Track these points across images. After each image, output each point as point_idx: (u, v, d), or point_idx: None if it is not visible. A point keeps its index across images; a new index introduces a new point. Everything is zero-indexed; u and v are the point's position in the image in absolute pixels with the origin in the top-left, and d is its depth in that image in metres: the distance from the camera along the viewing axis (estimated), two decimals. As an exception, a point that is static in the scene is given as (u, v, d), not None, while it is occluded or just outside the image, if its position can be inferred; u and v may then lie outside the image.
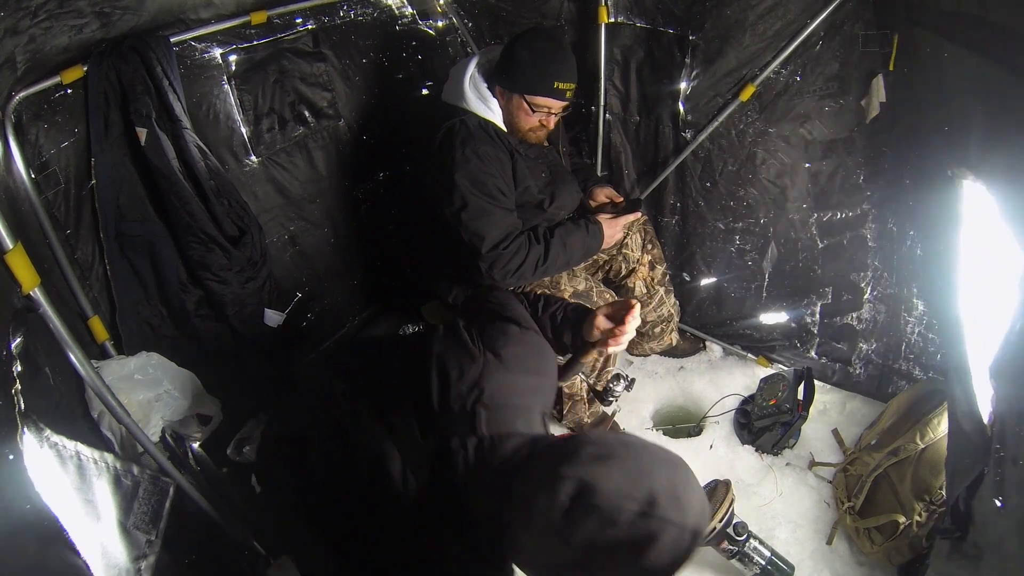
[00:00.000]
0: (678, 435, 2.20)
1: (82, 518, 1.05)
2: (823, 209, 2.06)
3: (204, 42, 1.74)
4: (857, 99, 1.84)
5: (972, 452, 1.12)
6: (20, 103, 1.36)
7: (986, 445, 1.08)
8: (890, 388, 2.09)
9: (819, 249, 2.12)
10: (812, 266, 2.16)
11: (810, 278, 2.19)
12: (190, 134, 1.59)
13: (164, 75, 1.51)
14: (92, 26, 1.36)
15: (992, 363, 1.05)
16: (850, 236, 2.04)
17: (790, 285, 2.24)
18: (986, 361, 1.10)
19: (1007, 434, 0.99)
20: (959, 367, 1.24)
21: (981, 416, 1.13)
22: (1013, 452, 0.96)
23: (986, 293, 1.24)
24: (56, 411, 1.16)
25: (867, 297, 2.09)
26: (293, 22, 1.94)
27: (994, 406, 1.07)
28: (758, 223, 2.19)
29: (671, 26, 2.05)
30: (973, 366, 1.21)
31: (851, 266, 2.08)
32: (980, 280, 1.27)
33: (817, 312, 2.22)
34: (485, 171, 1.68)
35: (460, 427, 1.00)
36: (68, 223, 1.52)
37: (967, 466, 1.13)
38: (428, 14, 2.32)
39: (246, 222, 1.76)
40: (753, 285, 2.32)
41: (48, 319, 1.11)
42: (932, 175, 1.62)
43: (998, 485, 1.00)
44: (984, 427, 1.12)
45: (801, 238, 2.13)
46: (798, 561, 1.69)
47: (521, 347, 1.17)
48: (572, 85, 1.73)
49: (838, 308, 2.17)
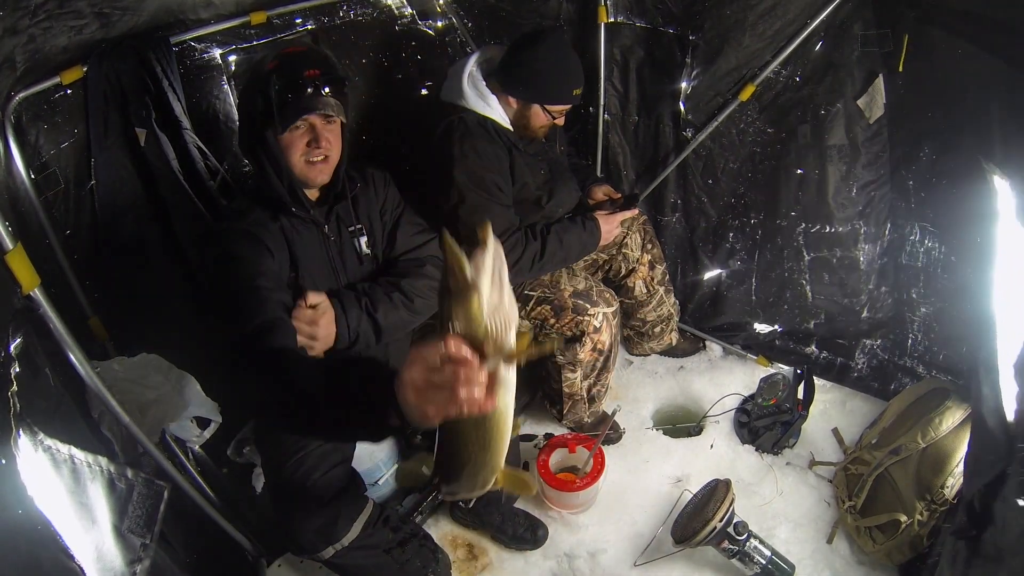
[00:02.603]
0: (678, 435, 2.20)
1: (76, 522, 1.04)
2: (812, 221, 2.06)
3: (204, 42, 1.74)
4: (856, 99, 1.84)
5: (995, 450, 1.11)
6: (20, 103, 1.36)
7: (1010, 444, 1.07)
8: (893, 385, 2.09)
9: (806, 262, 2.12)
10: (799, 280, 2.17)
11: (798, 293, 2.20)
12: (190, 134, 1.59)
13: (164, 75, 1.51)
14: (92, 26, 1.36)
15: (1016, 361, 1.05)
16: (848, 233, 2.04)
17: (777, 295, 2.24)
18: (1011, 359, 1.09)
19: None
20: (988, 365, 1.23)
21: (1007, 415, 1.13)
22: None
23: (1015, 290, 1.23)
24: (55, 412, 1.16)
25: (867, 296, 2.09)
26: (293, 22, 1.94)
27: (1019, 405, 1.06)
28: (749, 223, 2.21)
29: (671, 26, 2.05)
30: (1002, 364, 1.20)
31: (842, 288, 2.09)
32: (1010, 277, 1.26)
33: (820, 315, 2.23)
34: (483, 167, 1.68)
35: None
36: (68, 223, 1.52)
37: (989, 464, 1.12)
38: (428, 14, 2.32)
39: (246, 222, 1.76)
40: (742, 287, 2.33)
41: (48, 319, 1.11)
42: (953, 171, 1.62)
43: (1022, 485, 0.99)
44: (1009, 425, 1.11)
45: (787, 245, 2.14)
46: (798, 560, 1.69)
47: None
48: (582, 86, 1.79)
49: (832, 328, 2.17)
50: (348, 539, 1.37)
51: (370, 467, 1.72)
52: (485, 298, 0.68)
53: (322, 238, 1.41)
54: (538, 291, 1.89)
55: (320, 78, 1.27)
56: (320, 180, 1.37)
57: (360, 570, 1.48)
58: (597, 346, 1.93)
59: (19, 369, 0.97)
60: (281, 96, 1.25)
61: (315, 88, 1.27)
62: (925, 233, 1.87)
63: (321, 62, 1.30)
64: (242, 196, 1.43)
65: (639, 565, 1.78)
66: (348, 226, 1.44)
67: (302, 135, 1.30)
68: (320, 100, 1.28)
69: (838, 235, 2.03)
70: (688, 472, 2.02)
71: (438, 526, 1.93)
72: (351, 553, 1.40)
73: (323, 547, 1.35)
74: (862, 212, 1.96)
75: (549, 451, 1.94)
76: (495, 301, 0.70)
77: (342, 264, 1.44)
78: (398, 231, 1.54)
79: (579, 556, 1.83)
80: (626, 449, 2.13)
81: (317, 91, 1.27)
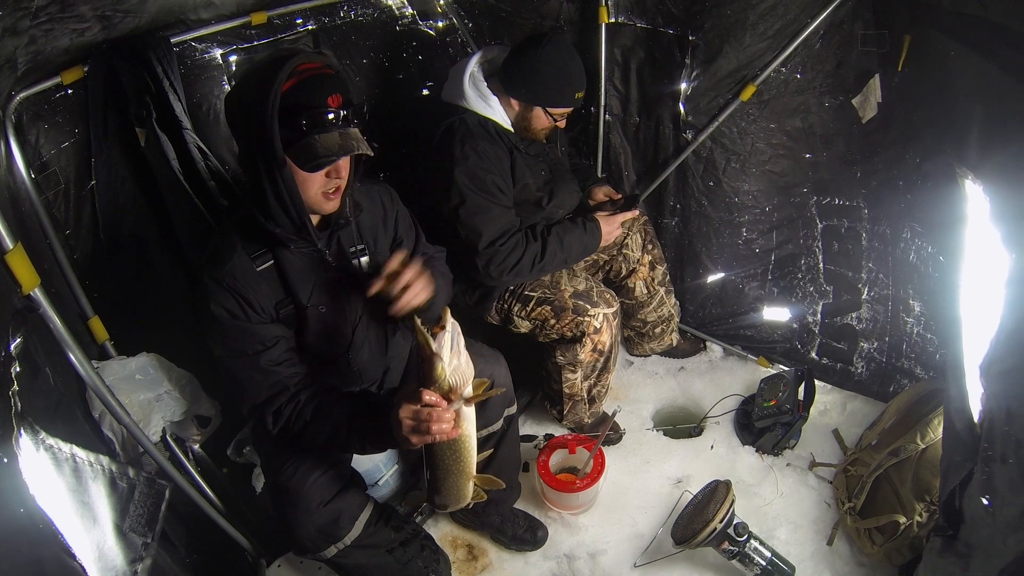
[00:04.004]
0: (678, 435, 2.20)
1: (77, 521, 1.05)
2: (823, 194, 2.07)
3: (204, 43, 1.74)
4: (853, 99, 1.85)
5: (963, 450, 1.13)
6: (21, 103, 1.36)
7: (975, 443, 1.08)
8: (892, 387, 2.09)
9: (820, 230, 2.13)
10: (813, 247, 2.17)
11: (811, 263, 2.20)
12: (190, 135, 1.59)
13: (164, 76, 1.51)
14: (94, 28, 1.36)
15: (982, 361, 1.06)
16: (848, 226, 2.05)
17: (791, 264, 2.24)
18: (977, 360, 1.10)
19: (995, 433, 0.99)
20: (955, 365, 1.25)
21: (972, 414, 1.13)
22: (1000, 451, 0.96)
23: (982, 292, 1.24)
24: (55, 412, 1.16)
25: (865, 297, 2.09)
26: (293, 23, 1.94)
27: (983, 404, 1.07)
28: (763, 211, 2.21)
29: (671, 26, 2.05)
30: (967, 364, 1.21)
31: (849, 260, 2.09)
32: (977, 279, 1.28)
33: (819, 311, 2.23)
34: (483, 168, 1.68)
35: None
36: (68, 223, 1.52)
37: (958, 464, 1.13)
38: (428, 14, 2.32)
39: (246, 223, 1.76)
40: (759, 271, 2.32)
41: (48, 319, 1.11)
42: (935, 174, 1.63)
43: (986, 483, 1.00)
44: (974, 425, 1.12)
45: (801, 217, 2.15)
46: (798, 562, 1.69)
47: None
48: (584, 89, 1.79)
49: (839, 307, 2.17)
50: (350, 538, 1.37)
51: (370, 467, 1.72)
52: (446, 364, 1.02)
53: (324, 265, 1.30)
54: (538, 292, 1.89)
55: (346, 107, 1.13)
56: (331, 209, 1.24)
57: (361, 570, 1.47)
58: (597, 347, 1.93)
59: (19, 369, 0.98)
60: (309, 133, 1.11)
61: (345, 122, 1.13)
62: (915, 233, 1.88)
63: (340, 84, 1.15)
64: (228, 227, 1.28)
65: (639, 566, 1.78)
66: (350, 247, 1.34)
67: (325, 171, 1.17)
68: (351, 141, 1.13)
69: (844, 207, 2.04)
70: (688, 473, 2.02)
71: (438, 527, 1.92)
72: (353, 552, 1.40)
73: (325, 546, 1.35)
74: (864, 195, 1.98)
75: (549, 452, 1.94)
76: (455, 364, 1.03)
77: (346, 288, 1.34)
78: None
79: (579, 557, 1.83)
80: (626, 450, 2.13)
81: (348, 124, 1.14)
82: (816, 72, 1.88)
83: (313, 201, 1.20)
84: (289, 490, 1.34)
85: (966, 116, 1.23)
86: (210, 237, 1.32)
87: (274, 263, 1.25)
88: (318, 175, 1.16)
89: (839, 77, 1.86)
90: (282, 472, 1.36)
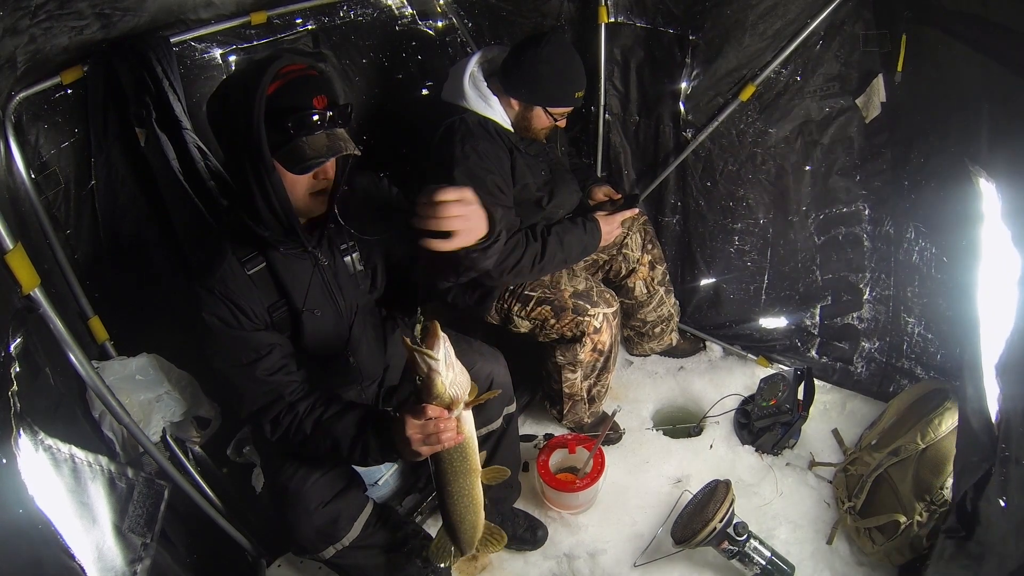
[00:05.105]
0: (678, 435, 2.20)
1: (77, 522, 1.05)
2: (821, 208, 2.06)
3: (204, 42, 1.74)
4: (856, 99, 1.84)
5: (980, 450, 1.12)
6: (20, 103, 1.36)
7: (993, 444, 1.07)
8: (892, 387, 2.09)
9: (817, 247, 2.12)
10: (811, 266, 2.16)
11: (809, 281, 2.19)
12: (190, 135, 1.58)
13: (164, 75, 1.51)
14: (93, 27, 1.36)
15: (998, 362, 1.06)
16: (846, 232, 2.05)
17: (789, 287, 2.24)
18: (993, 360, 1.10)
19: (1012, 434, 0.98)
20: (972, 365, 1.24)
21: (990, 415, 1.13)
22: (1017, 452, 0.96)
23: (998, 291, 1.24)
24: (55, 412, 1.16)
25: (867, 297, 2.09)
26: (293, 22, 1.94)
27: (1000, 405, 1.07)
28: (757, 223, 2.19)
29: (671, 26, 2.05)
30: (985, 364, 1.20)
31: (849, 266, 2.09)
32: (993, 278, 1.27)
33: (817, 313, 2.23)
34: (483, 168, 1.68)
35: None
36: (68, 223, 1.52)
37: (974, 464, 1.12)
38: (428, 14, 2.32)
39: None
40: (752, 287, 2.32)
41: (48, 319, 1.11)
42: (944, 173, 1.62)
43: (1003, 485, 1.00)
44: (992, 426, 1.12)
45: (800, 238, 2.14)
46: (798, 561, 1.69)
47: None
48: (584, 88, 1.80)
49: (838, 309, 2.17)
50: (349, 538, 1.37)
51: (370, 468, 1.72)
52: (443, 377, 1.05)
53: (315, 265, 1.30)
54: (538, 291, 1.89)
55: (331, 108, 1.14)
56: (319, 211, 1.24)
57: (360, 570, 1.48)
58: (597, 346, 1.93)
59: (19, 369, 0.98)
60: (296, 136, 1.11)
61: (331, 123, 1.14)
62: (919, 233, 1.87)
63: (325, 85, 1.15)
64: (217, 233, 1.28)
65: (639, 566, 1.78)
66: (340, 244, 1.34)
67: (313, 172, 1.17)
68: (339, 142, 1.14)
69: (843, 215, 2.03)
70: (688, 473, 2.02)
71: (438, 526, 1.92)
72: (352, 553, 1.40)
73: (324, 547, 1.35)
74: (866, 197, 1.97)
75: (549, 451, 1.94)
76: (451, 376, 1.06)
77: (339, 287, 1.35)
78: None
79: (579, 557, 1.83)
80: (626, 450, 2.13)
81: (334, 124, 1.15)
82: (816, 75, 1.88)
83: (301, 203, 1.20)
84: (289, 490, 1.34)
85: (973, 116, 1.23)
86: (202, 242, 1.32)
87: (266, 265, 1.25)
88: (305, 177, 1.16)
89: (840, 79, 1.85)
90: (282, 472, 1.36)
